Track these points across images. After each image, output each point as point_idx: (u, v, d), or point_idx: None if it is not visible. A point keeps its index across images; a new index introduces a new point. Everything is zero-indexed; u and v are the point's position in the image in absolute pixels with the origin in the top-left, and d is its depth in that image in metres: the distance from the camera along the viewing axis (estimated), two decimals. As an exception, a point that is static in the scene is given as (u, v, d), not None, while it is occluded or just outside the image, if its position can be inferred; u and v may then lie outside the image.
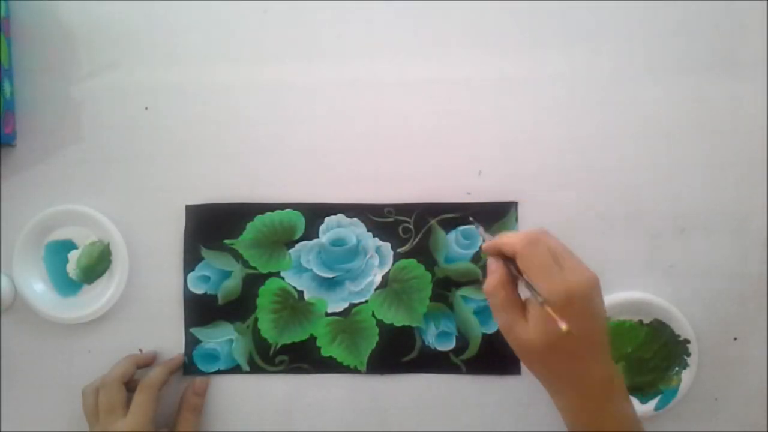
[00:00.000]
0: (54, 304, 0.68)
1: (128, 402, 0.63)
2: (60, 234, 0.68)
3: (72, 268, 0.68)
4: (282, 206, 0.68)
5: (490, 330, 0.67)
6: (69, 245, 0.68)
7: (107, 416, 0.62)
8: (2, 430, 0.68)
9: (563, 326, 0.49)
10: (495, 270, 0.55)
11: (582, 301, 0.51)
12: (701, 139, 0.68)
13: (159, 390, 0.64)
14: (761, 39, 0.68)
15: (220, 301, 0.68)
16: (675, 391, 0.66)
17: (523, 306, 0.54)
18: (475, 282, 0.68)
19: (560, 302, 0.50)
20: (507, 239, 0.55)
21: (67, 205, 0.68)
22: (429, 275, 0.68)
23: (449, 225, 0.68)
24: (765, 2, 0.68)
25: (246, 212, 0.68)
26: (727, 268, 0.67)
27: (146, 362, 0.67)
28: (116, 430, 0.61)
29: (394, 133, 0.68)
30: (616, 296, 0.66)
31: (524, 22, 0.69)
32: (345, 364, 0.67)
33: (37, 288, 0.68)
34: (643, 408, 0.66)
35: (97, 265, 0.68)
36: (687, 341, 0.66)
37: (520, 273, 0.54)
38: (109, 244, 0.67)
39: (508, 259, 0.55)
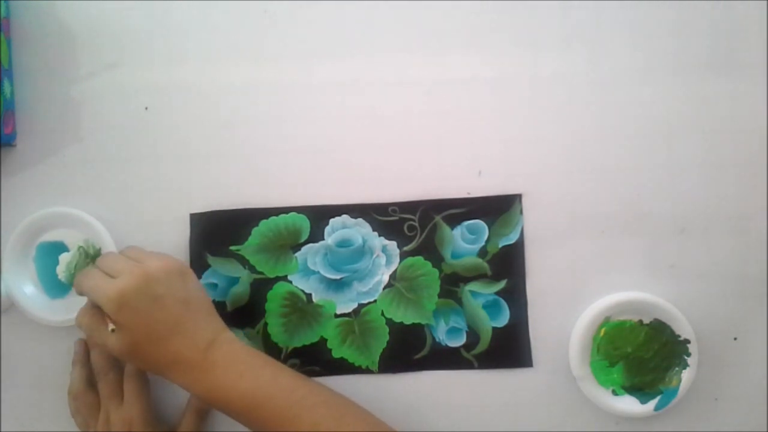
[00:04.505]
0: (43, 305, 0.67)
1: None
2: (52, 235, 0.68)
3: (61, 270, 0.67)
4: (286, 210, 0.68)
5: (500, 324, 0.67)
6: (60, 247, 0.68)
7: (109, 403, 0.63)
8: (2, 430, 0.68)
9: (110, 327, 0.57)
10: (86, 302, 0.61)
11: (135, 295, 0.57)
12: (701, 139, 0.68)
13: (145, 373, 0.65)
14: (761, 39, 0.68)
15: (229, 308, 0.68)
16: (675, 391, 0.66)
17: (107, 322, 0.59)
18: (483, 277, 0.68)
19: (112, 306, 0.56)
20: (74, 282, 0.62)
21: (61, 207, 0.67)
22: (436, 272, 0.68)
23: (454, 220, 0.68)
24: (765, 2, 0.68)
25: (250, 218, 0.68)
26: (727, 268, 0.67)
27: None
28: (117, 414, 0.62)
29: (395, 132, 0.68)
30: (616, 296, 0.66)
31: (524, 22, 0.69)
32: (357, 364, 0.67)
33: (27, 289, 0.67)
34: (643, 408, 0.66)
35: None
36: (687, 341, 0.66)
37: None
38: (100, 249, 0.67)
39: None
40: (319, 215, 0.68)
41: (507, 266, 0.67)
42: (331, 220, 0.68)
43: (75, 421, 0.65)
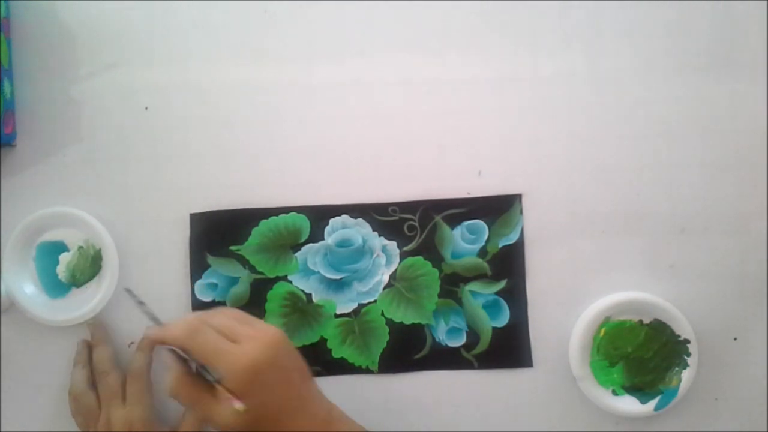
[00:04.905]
0: (43, 305, 0.67)
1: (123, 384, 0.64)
2: (52, 235, 0.68)
3: (62, 270, 0.67)
4: (286, 210, 0.68)
5: (500, 324, 0.67)
6: (61, 247, 0.68)
7: (109, 404, 0.63)
8: (2, 430, 0.68)
9: (238, 406, 0.50)
10: (170, 367, 0.54)
11: (267, 367, 0.51)
12: (701, 139, 0.68)
13: (149, 374, 0.64)
14: (761, 39, 0.68)
15: None
16: (675, 391, 0.66)
17: (211, 388, 0.52)
18: (483, 277, 0.68)
19: (244, 379, 0.50)
20: (168, 335, 0.53)
21: (62, 206, 0.67)
22: (436, 272, 0.68)
23: (454, 220, 0.68)
24: (765, 2, 0.68)
25: (250, 218, 0.68)
26: (727, 268, 0.67)
27: (105, 332, 0.66)
28: (119, 415, 0.62)
29: (395, 132, 0.68)
30: (616, 296, 0.66)
31: (524, 22, 0.69)
32: (357, 364, 0.67)
33: (27, 289, 0.67)
34: (643, 408, 0.66)
35: (87, 268, 0.67)
36: (687, 341, 0.66)
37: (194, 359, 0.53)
38: (100, 249, 0.67)
39: (172, 348, 0.54)
40: (319, 215, 0.68)
41: (507, 266, 0.67)
42: (331, 220, 0.68)
43: (75, 422, 0.65)
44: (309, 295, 0.68)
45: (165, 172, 0.68)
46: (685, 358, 0.66)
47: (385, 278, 0.68)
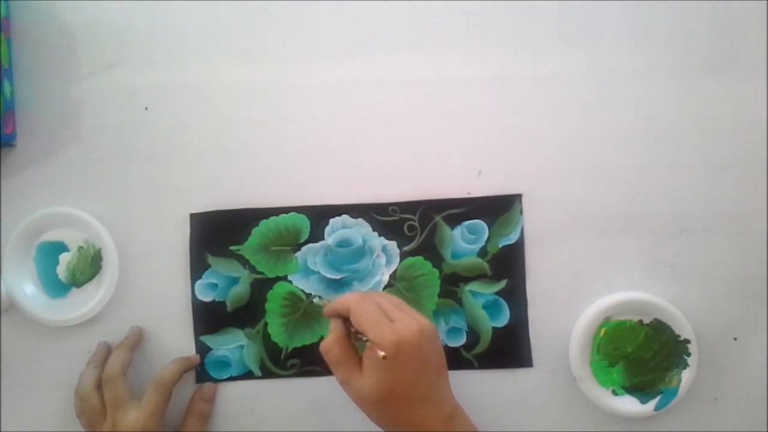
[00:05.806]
0: (43, 305, 0.67)
1: (131, 392, 0.64)
2: (52, 235, 0.68)
3: (62, 270, 0.67)
4: (286, 210, 0.68)
5: (500, 324, 0.67)
6: (61, 247, 0.68)
7: (116, 410, 0.63)
8: (2, 430, 0.68)
9: (381, 354, 0.53)
10: (333, 329, 0.59)
11: (410, 349, 0.54)
12: (701, 139, 0.68)
13: (172, 387, 0.64)
14: (761, 39, 0.68)
15: (229, 308, 0.68)
16: (675, 391, 0.66)
17: (359, 361, 0.57)
18: (483, 277, 0.68)
19: (389, 351, 0.54)
20: (342, 298, 0.59)
21: (62, 207, 0.67)
22: (436, 272, 0.68)
23: (454, 220, 0.68)
24: (765, 2, 0.68)
25: (250, 218, 0.68)
26: (727, 268, 0.67)
27: (137, 342, 0.67)
28: (129, 422, 0.62)
29: (395, 132, 0.68)
30: (616, 296, 0.66)
31: (524, 22, 0.69)
32: None
33: (27, 289, 0.67)
34: (643, 408, 0.66)
35: (87, 269, 0.67)
36: (687, 341, 0.66)
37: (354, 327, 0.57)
38: (101, 249, 0.67)
39: (347, 319, 0.58)
40: (319, 215, 0.68)
41: (507, 266, 0.67)
42: (331, 220, 0.68)
43: (80, 422, 0.65)
44: (309, 295, 0.68)
45: (165, 172, 0.68)
46: (685, 358, 0.66)
47: (385, 278, 0.68)
